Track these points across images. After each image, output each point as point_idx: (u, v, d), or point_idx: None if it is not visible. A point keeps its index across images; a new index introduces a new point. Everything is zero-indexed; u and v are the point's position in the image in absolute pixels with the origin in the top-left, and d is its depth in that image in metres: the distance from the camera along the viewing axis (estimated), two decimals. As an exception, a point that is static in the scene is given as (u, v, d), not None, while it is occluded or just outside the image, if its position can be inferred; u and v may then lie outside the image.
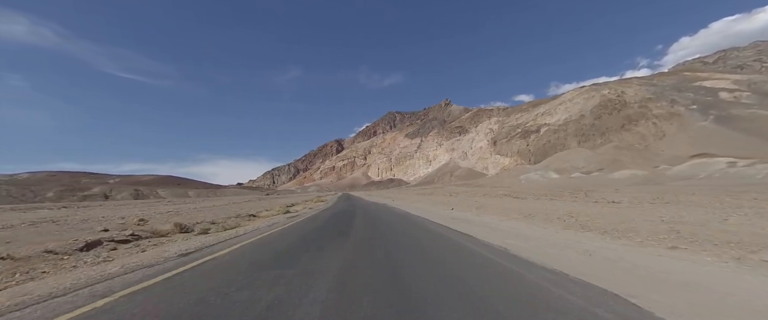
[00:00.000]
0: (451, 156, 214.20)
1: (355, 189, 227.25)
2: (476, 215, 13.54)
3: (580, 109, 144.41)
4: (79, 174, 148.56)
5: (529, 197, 26.82)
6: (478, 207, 17.73)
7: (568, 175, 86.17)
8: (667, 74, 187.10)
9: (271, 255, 5.91)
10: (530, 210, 13.54)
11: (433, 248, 6.51)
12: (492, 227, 9.73)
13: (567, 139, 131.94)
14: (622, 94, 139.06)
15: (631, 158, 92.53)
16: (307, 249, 6.50)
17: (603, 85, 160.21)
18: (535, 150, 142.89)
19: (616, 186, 50.53)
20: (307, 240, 7.80)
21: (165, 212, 21.78)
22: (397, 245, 6.87)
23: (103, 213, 21.85)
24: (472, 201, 24.76)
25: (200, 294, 3.58)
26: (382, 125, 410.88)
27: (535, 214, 12.07)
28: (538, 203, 18.66)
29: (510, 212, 13.60)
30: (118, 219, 14.90)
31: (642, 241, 6.15)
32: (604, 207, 14.23)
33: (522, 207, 15.90)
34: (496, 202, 21.05)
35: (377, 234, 8.69)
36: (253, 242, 7.66)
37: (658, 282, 3.74)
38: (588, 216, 10.54)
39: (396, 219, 12.76)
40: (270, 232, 9.45)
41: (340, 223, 11.28)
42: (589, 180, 71.19)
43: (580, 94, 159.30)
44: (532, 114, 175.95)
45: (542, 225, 9.65)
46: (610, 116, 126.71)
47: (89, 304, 3.30)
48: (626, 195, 23.68)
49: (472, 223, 10.83)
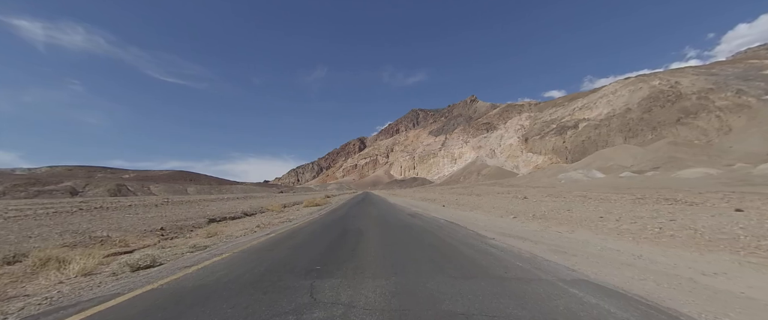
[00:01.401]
0: (477, 154, 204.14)
1: (378, 187, 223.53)
2: (569, 231, 8.18)
3: (625, 102, 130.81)
4: (96, 169, 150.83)
5: (577, 200, 20.61)
6: (540, 216, 12.24)
7: (615, 175, 76.32)
8: (728, 63, 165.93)
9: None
10: (631, 221, 7.96)
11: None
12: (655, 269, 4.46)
13: (610, 134, 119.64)
14: (675, 84, 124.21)
15: (691, 155, 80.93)
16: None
17: (651, 76, 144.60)
18: (572, 147, 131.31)
19: (685, 187, 41.85)
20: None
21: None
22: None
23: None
24: (520, 206, 19.09)
25: None
26: (405, 123, 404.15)
27: (665, 228, 6.65)
28: (612, 208, 12.78)
29: (603, 226, 8.11)
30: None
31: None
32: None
33: (603, 214, 10.28)
34: (552, 207, 15.33)
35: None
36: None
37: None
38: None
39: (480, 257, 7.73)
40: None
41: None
42: (645, 181, 61.70)
43: (624, 86, 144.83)
44: (569, 108, 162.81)
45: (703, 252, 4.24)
46: (663, 109, 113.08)
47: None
48: (743, 201, 16.97)
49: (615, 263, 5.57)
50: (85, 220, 14.24)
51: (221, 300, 3.40)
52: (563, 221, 10.13)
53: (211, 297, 3.50)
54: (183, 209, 21.96)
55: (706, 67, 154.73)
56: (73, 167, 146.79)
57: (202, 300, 3.41)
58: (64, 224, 12.66)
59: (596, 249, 5.99)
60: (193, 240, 7.80)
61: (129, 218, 15.23)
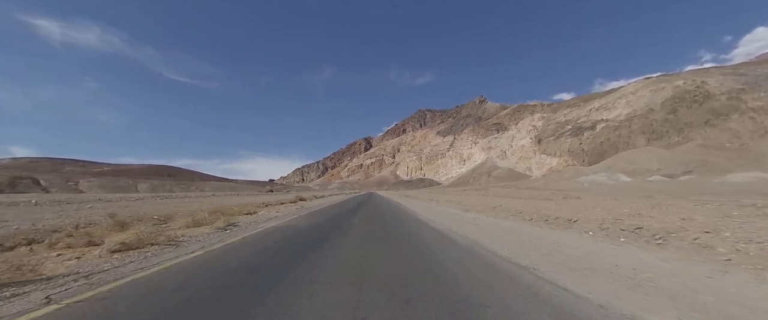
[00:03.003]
0: (487, 155, 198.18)
1: (383, 187, 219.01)
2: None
3: (647, 103, 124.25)
4: (66, 162, 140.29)
5: (624, 204, 15.71)
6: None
7: (642, 178, 70.59)
8: (756, 63, 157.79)
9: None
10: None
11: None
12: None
13: (631, 136, 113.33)
14: (702, 84, 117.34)
15: (726, 159, 74.65)
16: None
17: (674, 76, 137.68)
18: (589, 149, 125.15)
19: (730, 193, 36.22)
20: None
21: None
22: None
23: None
24: (573, 211, 14.27)
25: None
26: (412, 123, 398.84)
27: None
28: (691, 214, 7.95)
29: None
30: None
31: None
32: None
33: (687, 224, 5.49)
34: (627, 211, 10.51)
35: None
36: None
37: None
38: None
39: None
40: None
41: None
42: (681, 186, 56.07)
43: (644, 86, 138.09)
44: (585, 109, 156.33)
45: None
46: (690, 110, 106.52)
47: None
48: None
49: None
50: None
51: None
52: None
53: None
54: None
55: (732, 68, 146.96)
56: (40, 159, 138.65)
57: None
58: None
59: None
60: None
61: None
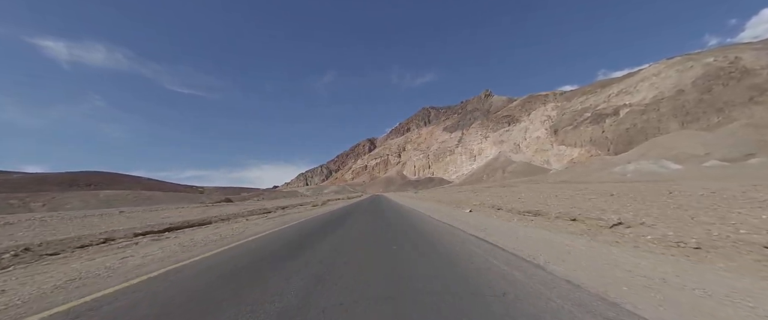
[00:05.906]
0: (500, 149, 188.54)
1: (390, 188, 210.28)
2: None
3: (675, 84, 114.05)
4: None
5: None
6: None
7: (695, 164, 61.12)
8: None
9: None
10: None
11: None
12: None
13: (662, 120, 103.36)
14: (736, 60, 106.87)
15: (788, 138, 64.77)
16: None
17: (702, 54, 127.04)
18: (614, 137, 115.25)
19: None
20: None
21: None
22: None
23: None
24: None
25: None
26: (416, 121, 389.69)
27: None
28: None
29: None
30: None
31: None
32: None
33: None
34: None
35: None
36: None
37: None
38: None
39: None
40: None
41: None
42: (753, 169, 46.74)
43: (669, 67, 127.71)
44: (603, 95, 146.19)
45: None
46: (727, 88, 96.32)
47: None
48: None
49: None
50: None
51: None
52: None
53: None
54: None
55: (762, 43, 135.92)
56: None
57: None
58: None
59: None
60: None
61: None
